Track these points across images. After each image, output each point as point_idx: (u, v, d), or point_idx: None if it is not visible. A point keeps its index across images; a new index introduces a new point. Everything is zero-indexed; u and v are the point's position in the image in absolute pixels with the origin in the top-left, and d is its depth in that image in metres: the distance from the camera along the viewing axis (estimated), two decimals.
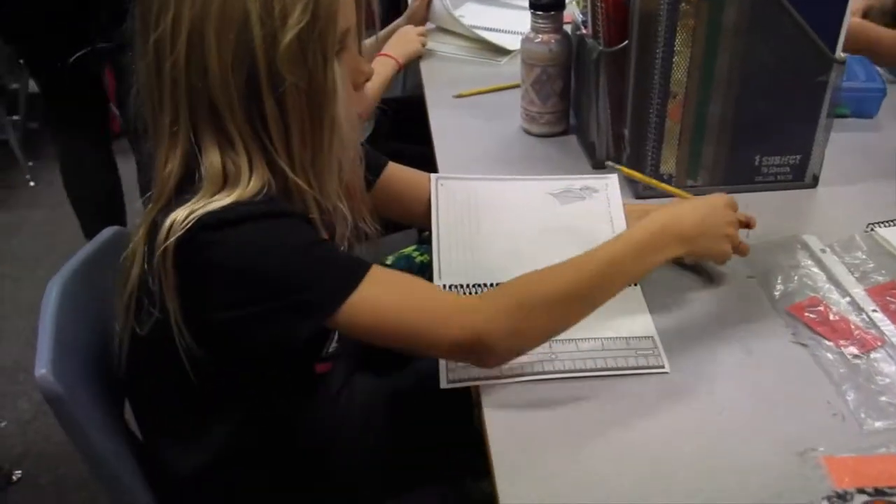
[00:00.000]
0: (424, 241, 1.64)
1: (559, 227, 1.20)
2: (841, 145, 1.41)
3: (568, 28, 1.50)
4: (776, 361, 1.02)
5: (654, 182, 1.21)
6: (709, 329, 1.07)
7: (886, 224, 1.27)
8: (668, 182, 1.34)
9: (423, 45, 1.89)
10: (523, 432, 0.92)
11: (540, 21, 1.44)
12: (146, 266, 0.91)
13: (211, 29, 0.85)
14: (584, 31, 1.38)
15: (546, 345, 1.03)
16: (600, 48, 1.32)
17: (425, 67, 1.87)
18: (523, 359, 1.00)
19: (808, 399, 0.96)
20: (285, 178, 0.92)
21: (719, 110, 1.28)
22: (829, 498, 0.79)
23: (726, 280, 1.16)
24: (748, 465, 0.88)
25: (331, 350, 1.12)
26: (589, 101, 1.43)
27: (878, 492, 0.80)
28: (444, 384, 1.00)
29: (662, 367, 1.01)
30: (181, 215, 0.86)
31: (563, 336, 1.03)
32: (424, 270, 1.54)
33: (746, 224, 1.16)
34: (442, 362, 1.02)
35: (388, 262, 1.55)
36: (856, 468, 0.88)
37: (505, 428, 0.93)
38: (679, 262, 1.18)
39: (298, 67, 0.87)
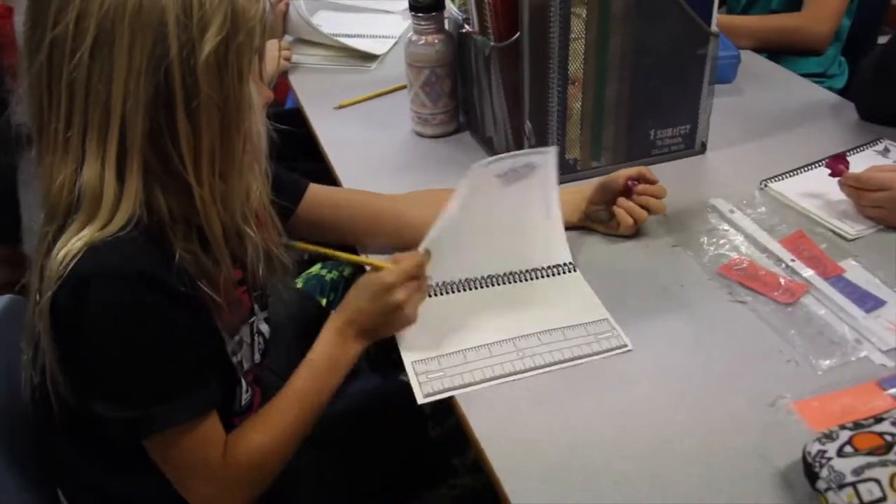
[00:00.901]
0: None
1: (501, 217, 1.19)
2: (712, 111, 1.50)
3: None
4: (723, 322, 1.08)
5: (334, 254, 1.20)
6: (653, 301, 1.12)
7: (777, 178, 1.37)
8: (574, 166, 1.39)
9: (288, 59, 1.85)
10: (511, 431, 0.93)
11: (423, 23, 1.44)
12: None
13: (124, 30, 0.78)
14: (469, 29, 1.39)
15: (511, 343, 1.05)
16: (492, 44, 1.33)
17: (296, 81, 1.82)
18: (493, 362, 1.02)
19: (761, 352, 1.03)
20: (186, 198, 0.86)
21: (615, 92, 1.33)
22: (819, 440, 0.84)
23: (655, 252, 1.21)
24: (729, 423, 0.93)
25: (244, 402, 1.06)
26: (482, 97, 1.44)
27: (857, 425, 0.86)
28: (420, 399, 0.99)
29: (626, 345, 1.04)
30: (70, 251, 0.80)
31: (525, 331, 1.06)
32: (337, 287, 1.51)
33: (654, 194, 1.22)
34: (413, 378, 1.01)
35: (299, 284, 1.50)
36: (823, 408, 0.95)
37: (493, 430, 0.93)
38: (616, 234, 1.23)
39: (215, 81, 0.82)
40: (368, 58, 1.88)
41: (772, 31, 1.88)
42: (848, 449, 0.83)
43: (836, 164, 1.27)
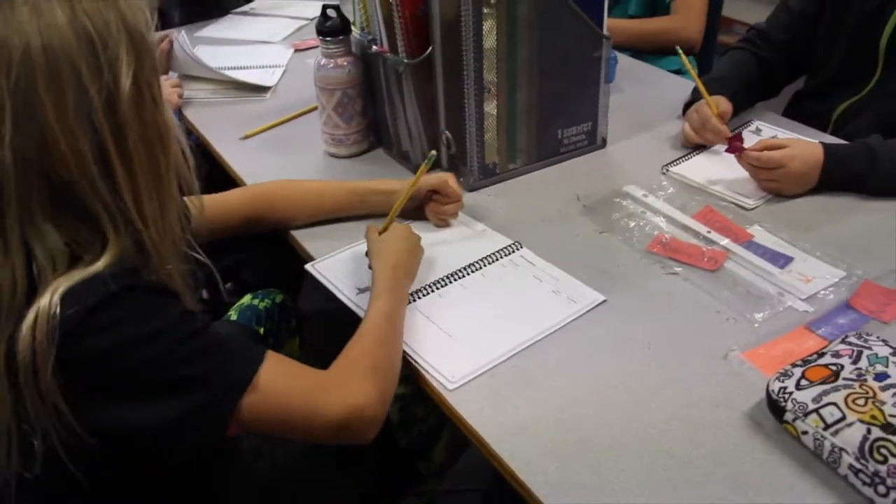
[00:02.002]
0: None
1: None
2: None
3: None
4: (663, 293, 1.18)
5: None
6: (598, 284, 1.20)
7: (675, 163, 1.51)
8: (493, 170, 1.47)
9: (180, 95, 1.83)
10: (502, 417, 0.99)
11: (331, 47, 1.48)
12: (14, 395, 0.80)
13: (43, 95, 0.76)
14: (378, 49, 1.45)
15: (491, 326, 1.13)
16: (406, 61, 1.39)
17: (192, 116, 1.81)
18: (483, 347, 1.09)
19: (703, 314, 1.14)
20: (138, 239, 0.86)
21: (525, 97, 1.42)
22: (778, 378, 0.95)
23: (587, 240, 1.31)
24: (694, 378, 1.03)
25: None
26: (395, 113, 1.50)
27: (805, 361, 0.98)
28: (451, 387, 1.03)
29: (601, 299, 1.16)
30: (42, 312, 0.76)
31: (503, 311, 1.15)
32: (272, 315, 1.52)
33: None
34: (445, 369, 1.06)
35: (233, 316, 1.50)
36: (768, 354, 1.06)
37: (486, 420, 0.98)
38: None
39: (138, 114, 0.82)
40: (260, 88, 1.89)
41: (649, 33, 2.07)
42: (804, 382, 0.94)
43: (734, 142, 1.43)
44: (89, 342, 0.79)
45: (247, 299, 1.55)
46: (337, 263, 1.28)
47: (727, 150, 1.42)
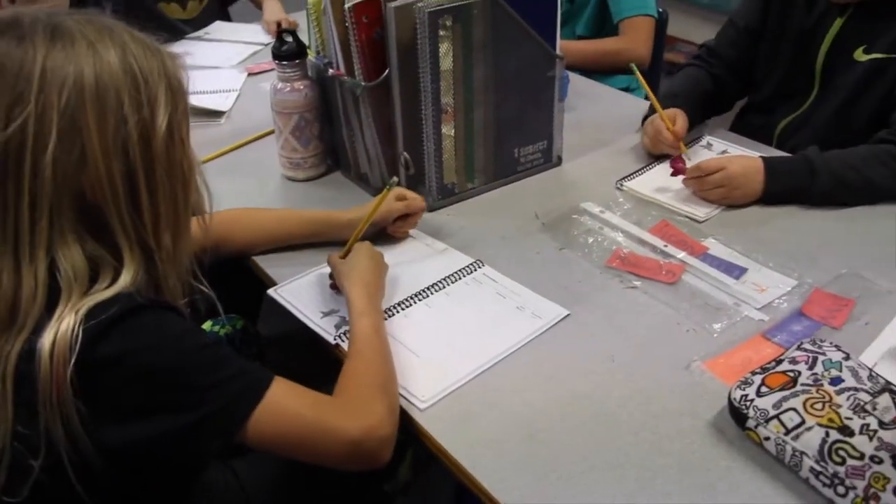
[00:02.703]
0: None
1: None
2: None
3: None
4: (624, 306, 1.21)
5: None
6: (560, 300, 1.22)
7: (629, 178, 1.54)
8: (452, 189, 1.48)
9: None
10: (473, 435, 1.00)
11: (288, 71, 1.48)
12: (15, 408, 0.82)
13: (88, 116, 0.83)
14: (335, 72, 1.46)
15: (458, 344, 1.14)
16: (363, 84, 1.41)
17: None
18: (451, 365, 1.10)
19: (663, 326, 1.17)
20: (152, 264, 0.91)
21: (482, 117, 1.44)
22: (739, 386, 0.98)
23: (547, 258, 1.33)
24: (657, 389, 1.05)
25: None
26: (353, 136, 1.51)
27: (764, 369, 1.01)
28: (422, 407, 1.04)
29: (565, 313, 1.19)
30: (63, 327, 0.80)
31: (471, 329, 1.17)
32: (233, 340, 1.51)
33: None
34: (414, 389, 1.07)
35: None
36: (728, 363, 1.09)
37: (456, 439, 0.99)
38: None
39: (167, 151, 0.89)
40: (215, 113, 1.89)
41: (598, 53, 2.12)
42: (764, 389, 0.97)
43: (677, 164, 1.48)
44: (109, 347, 0.82)
45: (207, 325, 1.54)
46: (299, 288, 1.28)
47: (672, 172, 1.48)
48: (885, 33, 1.52)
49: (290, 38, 1.48)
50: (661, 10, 2.37)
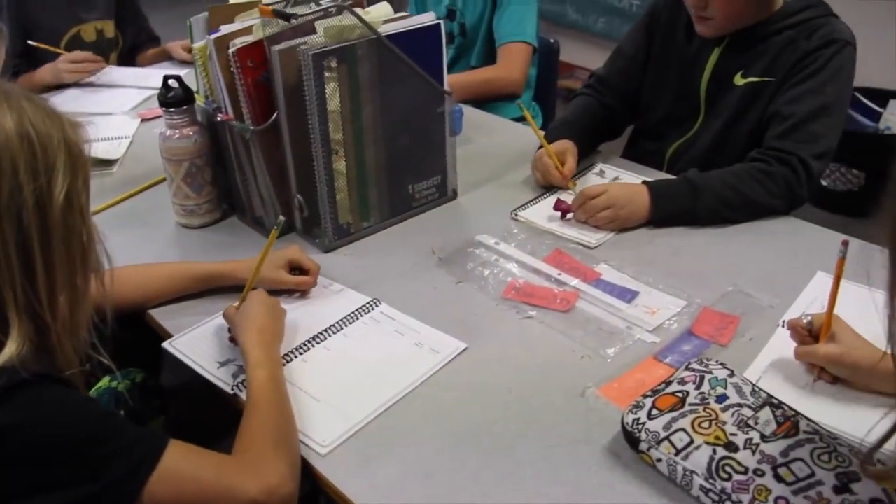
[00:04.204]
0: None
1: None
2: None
3: None
4: (520, 337, 1.23)
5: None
6: (457, 333, 1.23)
7: (523, 207, 1.57)
8: (347, 229, 1.48)
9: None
10: (373, 477, 0.99)
11: (175, 117, 1.46)
12: None
13: None
14: (224, 117, 1.45)
15: (357, 386, 1.14)
16: (252, 128, 1.40)
17: None
18: (351, 408, 1.09)
19: (559, 354, 1.19)
20: (46, 334, 0.89)
21: (374, 155, 1.45)
22: (631, 410, 1.00)
23: (444, 292, 1.34)
24: (554, 418, 1.07)
25: None
26: (245, 180, 1.50)
27: (654, 391, 1.03)
28: (322, 452, 1.04)
29: (463, 346, 1.20)
30: None
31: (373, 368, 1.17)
32: (133, 396, 1.47)
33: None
34: (314, 434, 1.05)
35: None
36: (621, 388, 1.12)
37: (356, 484, 0.99)
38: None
39: (65, 221, 0.88)
40: (107, 162, 1.85)
41: (476, 84, 2.16)
42: (654, 412, 0.99)
43: (561, 206, 1.53)
44: (18, 424, 0.81)
45: (104, 382, 1.50)
46: (196, 338, 1.26)
47: (561, 217, 1.53)
48: (759, 59, 1.60)
49: (176, 85, 1.47)
50: (552, 39, 2.44)
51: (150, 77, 2.34)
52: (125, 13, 2.59)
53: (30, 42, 2.36)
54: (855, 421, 1.01)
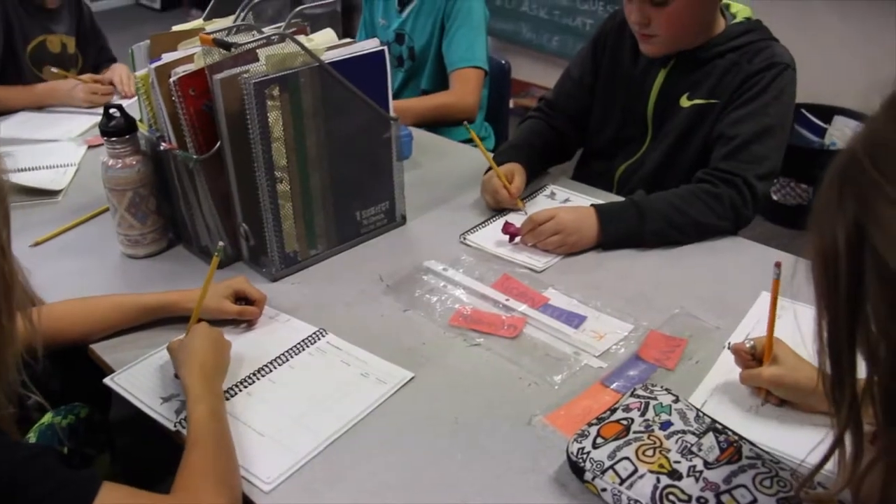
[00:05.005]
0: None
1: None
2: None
3: None
4: (467, 366, 1.22)
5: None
6: (403, 363, 1.22)
7: (472, 231, 1.57)
8: (295, 258, 1.47)
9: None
10: None
11: (118, 147, 1.44)
12: None
13: None
14: (167, 146, 1.43)
15: (303, 419, 1.12)
16: (195, 157, 1.38)
17: None
18: (296, 442, 1.08)
19: (506, 382, 1.18)
20: None
21: (319, 183, 1.44)
22: (576, 439, 1.00)
23: (391, 320, 1.33)
24: (501, 448, 1.06)
25: None
26: (191, 209, 1.48)
27: (599, 419, 1.03)
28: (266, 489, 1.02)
29: (410, 375, 1.19)
30: None
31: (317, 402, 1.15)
32: (77, 431, 1.43)
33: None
34: (258, 471, 1.04)
35: (33, 438, 1.40)
36: (568, 415, 1.11)
37: None
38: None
39: None
40: (50, 192, 1.81)
41: (430, 110, 2.16)
42: (599, 440, 0.99)
43: (509, 229, 1.53)
44: None
45: (47, 418, 1.46)
46: (139, 372, 1.24)
47: (509, 241, 1.52)
48: (704, 81, 1.62)
49: (117, 114, 1.44)
50: (503, 60, 2.45)
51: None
52: (85, 32, 2.57)
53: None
54: (800, 443, 1.01)
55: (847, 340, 0.72)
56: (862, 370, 0.72)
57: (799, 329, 0.82)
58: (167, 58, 1.38)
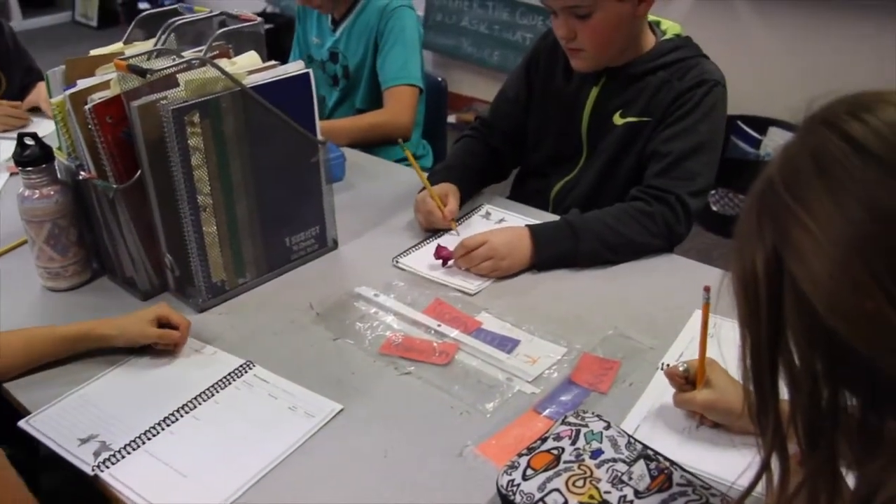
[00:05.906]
0: None
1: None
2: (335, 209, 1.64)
3: None
4: (397, 395, 1.19)
5: None
6: (331, 394, 1.19)
7: (404, 254, 1.54)
8: (222, 287, 1.43)
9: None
10: None
11: (33, 177, 1.39)
12: None
13: None
14: (87, 175, 1.38)
15: (227, 457, 1.09)
16: (115, 186, 1.33)
17: None
18: (219, 483, 1.04)
19: (437, 412, 1.15)
20: None
21: (245, 210, 1.40)
22: (506, 471, 0.98)
23: (321, 349, 1.29)
24: (430, 481, 1.03)
25: None
26: (113, 239, 1.43)
27: (530, 449, 1.01)
28: None
29: (338, 407, 1.16)
30: None
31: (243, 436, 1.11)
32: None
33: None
34: None
35: None
36: (500, 445, 1.09)
37: None
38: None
39: None
40: None
41: (365, 128, 2.13)
42: (529, 472, 0.97)
43: (441, 253, 1.50)
44: None
45: None
46: (55, 414, 1.18)
47: (442, 263, 1.50)
48: (637, 99, 1.62)
49: (32, 142, 1.39)
50: (440, 77, 2.44)
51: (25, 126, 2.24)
52: (7, 53, 2.48)
53: None
54: (734, 464, 0.99)
55: (769, 365, 0.72)
56: (785, 393, 0.71)
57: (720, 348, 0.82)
58: (83, 84, 1.33)
